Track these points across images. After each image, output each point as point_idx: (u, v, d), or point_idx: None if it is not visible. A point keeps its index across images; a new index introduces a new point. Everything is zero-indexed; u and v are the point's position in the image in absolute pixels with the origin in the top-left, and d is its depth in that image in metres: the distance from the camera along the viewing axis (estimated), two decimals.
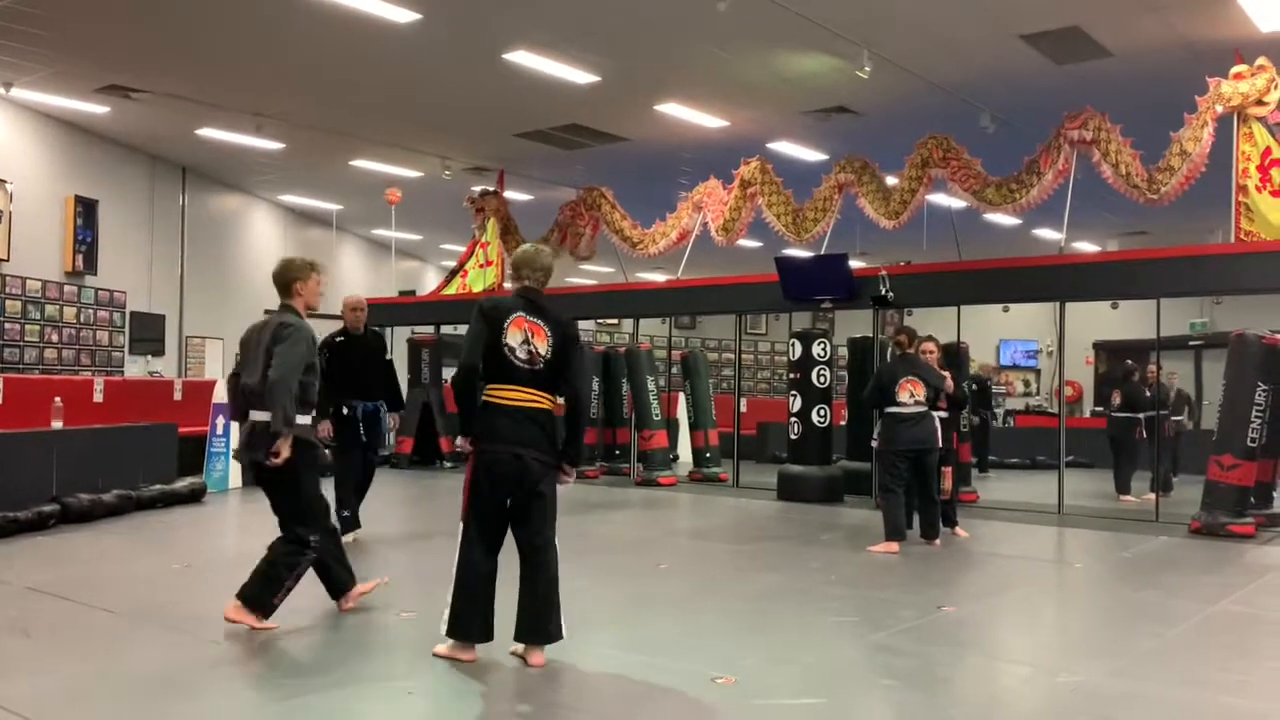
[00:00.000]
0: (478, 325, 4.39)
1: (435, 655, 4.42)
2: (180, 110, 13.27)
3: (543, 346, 4.41)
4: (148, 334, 16.06)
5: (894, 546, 7.59)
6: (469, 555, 4.37)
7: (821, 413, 11.04)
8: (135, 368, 15.67)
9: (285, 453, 4.73)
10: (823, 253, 11.78)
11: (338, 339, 7.55)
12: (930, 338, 8.33)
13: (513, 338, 4.36)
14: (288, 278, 5.04)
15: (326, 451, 6.60)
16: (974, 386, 14.75)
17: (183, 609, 5.38)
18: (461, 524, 4.41)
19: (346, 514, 7.37)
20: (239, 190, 18.34)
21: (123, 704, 3.94)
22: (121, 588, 6.05)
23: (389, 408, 7.85)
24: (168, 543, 7.92)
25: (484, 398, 4.40)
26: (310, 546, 4.94)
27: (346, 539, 7.05)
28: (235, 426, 7.58)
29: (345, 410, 7.40)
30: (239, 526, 9.06)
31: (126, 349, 15.69)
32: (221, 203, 18.01)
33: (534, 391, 4.40)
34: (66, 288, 14.70)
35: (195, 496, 9.85)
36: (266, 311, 5.26)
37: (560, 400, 4.53)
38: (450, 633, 4.35)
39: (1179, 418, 12.47)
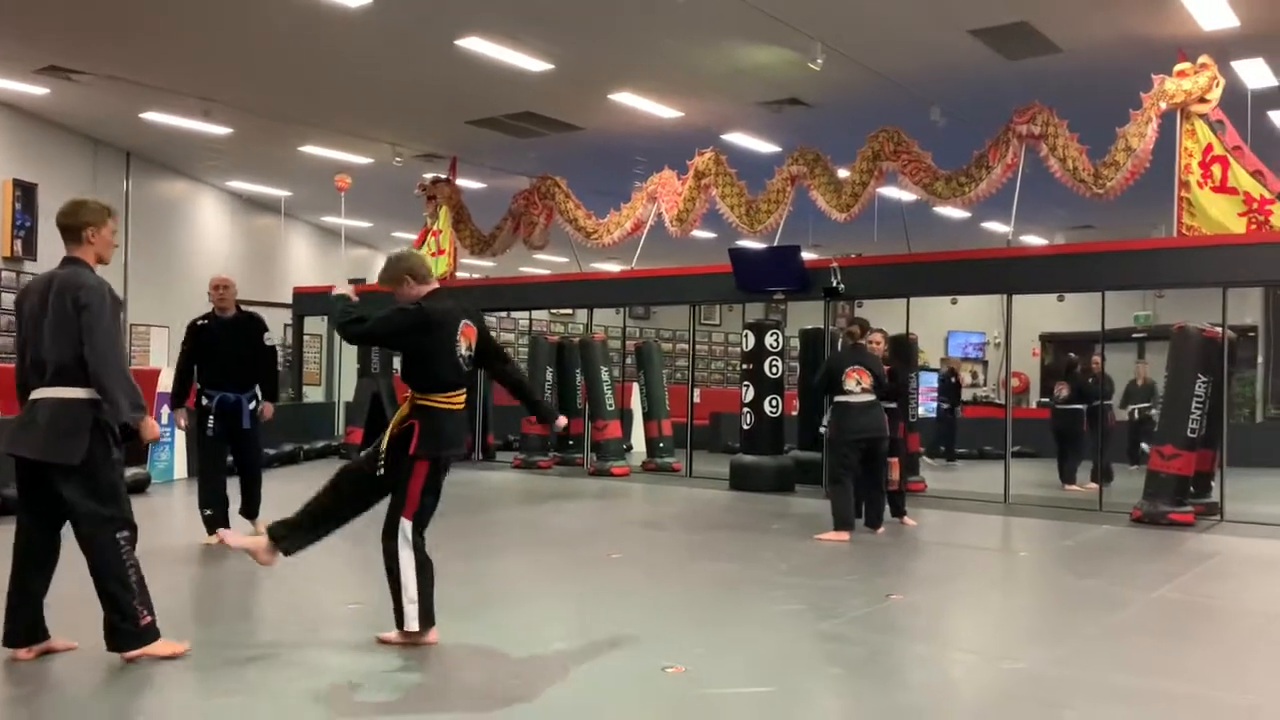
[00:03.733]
0: (431, 334, 4.46)
1: (385, 641, 4.47)
2: (124, 93, 12.98)
3: (472, 346, 4.65)
4: None
5: (844, 536, 7.67)
6: (423, 554, 4.48)
7: (774, 403, 11.11)
8: None
9: (154, 433, 4.21)
10: (775, 244, 11.84)
11: (200, 322, 7.08)
12: (880, 330, 8.43)
13: (462, 345, 4.56)
14: (79, 221, 4.21)
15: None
16: (953, 379, 15.04)
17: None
18: (411, 524, 4.46)
19: (209, 513, 7.03)
20: (185, 176, 18.00)
21: (68, 692, 3.86)
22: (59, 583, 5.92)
23: (264, 397, 7.21)
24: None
25: (437, 404, 4.48)
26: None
27: (211, 539, 6.89)
28: (180, 416, 7.33)
29: (204, 400, 6.98)
30: (186, 519, 8.90)
31: None
32: (167, 188, 17.66)
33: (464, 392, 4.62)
34: (5, 274, 14.34)
35: (139, 488, 9.67)
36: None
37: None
38: (424, 624, 4.45)
39: (1146, 404, 12.68)
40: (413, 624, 4.41)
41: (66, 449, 4.01)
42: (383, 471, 4.48)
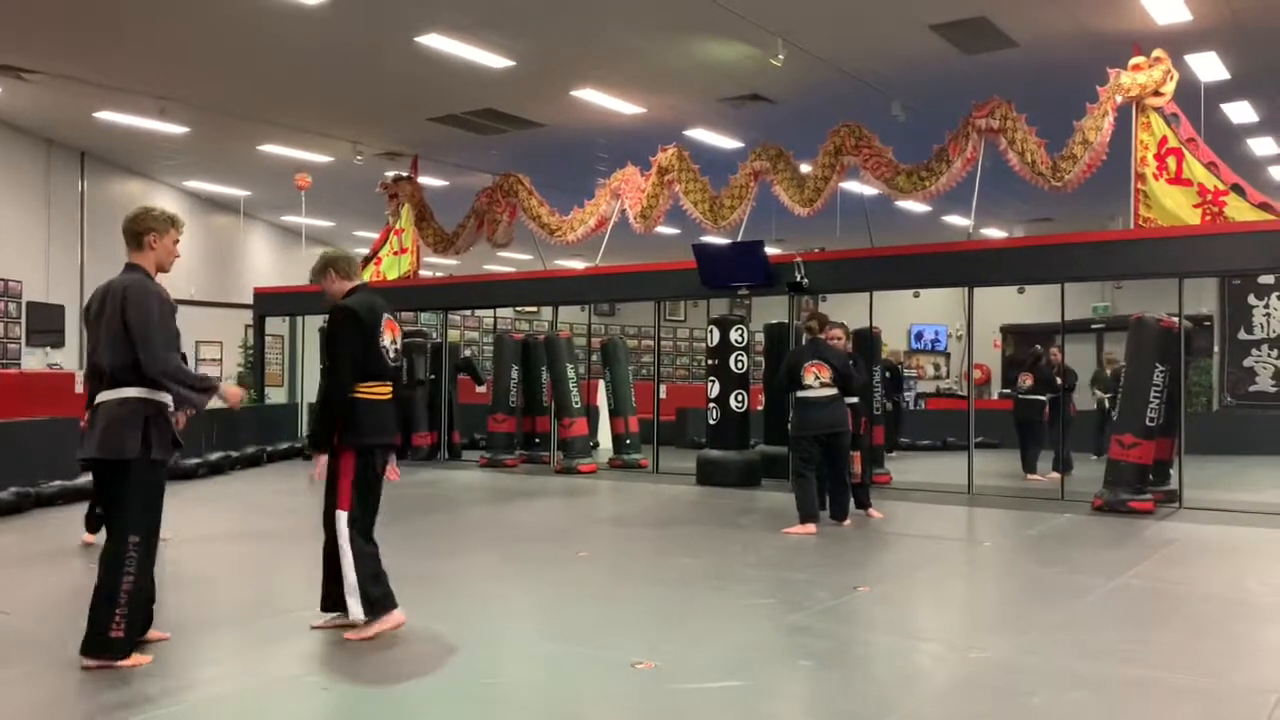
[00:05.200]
0: (358, 331, 4.59)
1: (353, 640, 4.49)
2: (77, 92, 12.76)
3: (396, 341, 4.79)
4: (46, 325, 15.45)
5: (810, 528, 7.70)
6: (365, 544, 4.55)
7: (739, 398, 11.14)
8: (34, 360, 15.08)
9: (236, 396, 4.52)
10: (739, 240, 11.87)
11: None
12: (840, 324, 8.46)
13: (385, 339, 4.67)
14: (143, 227, 4.30)
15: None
16: (887, 374, 15.06)
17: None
18: (347, 516, 4.52)
19: (100, 511, 6.86)
20: (141, 176, 17.74)
21: (32, 699, 3.79)
22: (16, 588, 5.82)
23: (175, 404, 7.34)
24: (69, 541, 7.63)
25: (359, 394, 4.57)
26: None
27: (91, 539, 6.94)
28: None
29: None
30: (175, 517, 8.77)
31: (23, 340, 15.09)
32: (123, 188, 17.39)
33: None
34: None
35: None
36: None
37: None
38: (370, 613, 4.52)
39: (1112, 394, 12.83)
40: (357, 614, 4.49)
41: (120, 444, 4.10)
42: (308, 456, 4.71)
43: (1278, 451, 14.31)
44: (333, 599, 4.62)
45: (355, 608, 4.49)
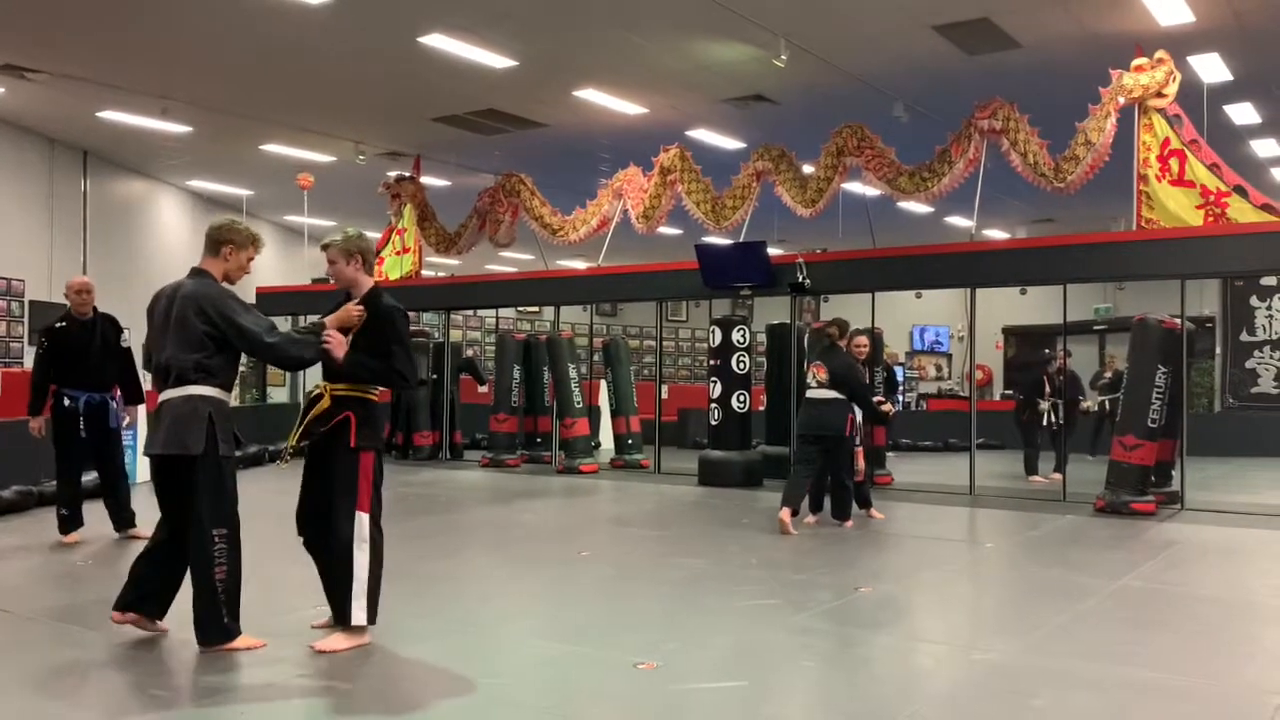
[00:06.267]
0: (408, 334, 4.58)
1: (325, 651, 4.34)
2: (80, 92, 12.78)
3: None
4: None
5: (784, 513, 7.72)
6: (382, 546, 4.46)
7: (741, 398, 11.14)
8: None
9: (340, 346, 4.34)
10: (741, 240, 11.87)
11: (58, 325, 7.13)
12: (864, 333, 8.51)
13: None
14: (223, 237, 4.45)
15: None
16: (884, 375, 15.05)
17: (86, 606, 5.19)
18: (369, 518, 4.41)
19: (65, 512, 7.05)
20: (144, 175, 17.75)
21: (9, 704, 3.80)
22: (17, 583, 5.83)
23: (126, 400, 7.26)
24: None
25: (374, 397, 4.53)
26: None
27: (68, 539, 7.00)
28: (142, 416, 7.29)
29: (66, 401, 6.99)
30: (145, 520, 8.78)
31: (26, 339, 15.10)
32: (126, 188, 17.41)
33: None
34: None
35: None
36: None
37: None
38: (372, 620, 4.42)
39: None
40: (360, 618, 4.36)
41: (185, 440, 4.21)
42: (286, 463, 4.61)
43: (1279, 453, 14.32)
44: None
45: (360, 613, 4.34)
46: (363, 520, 4.39)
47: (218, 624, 4.27)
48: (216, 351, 4.31)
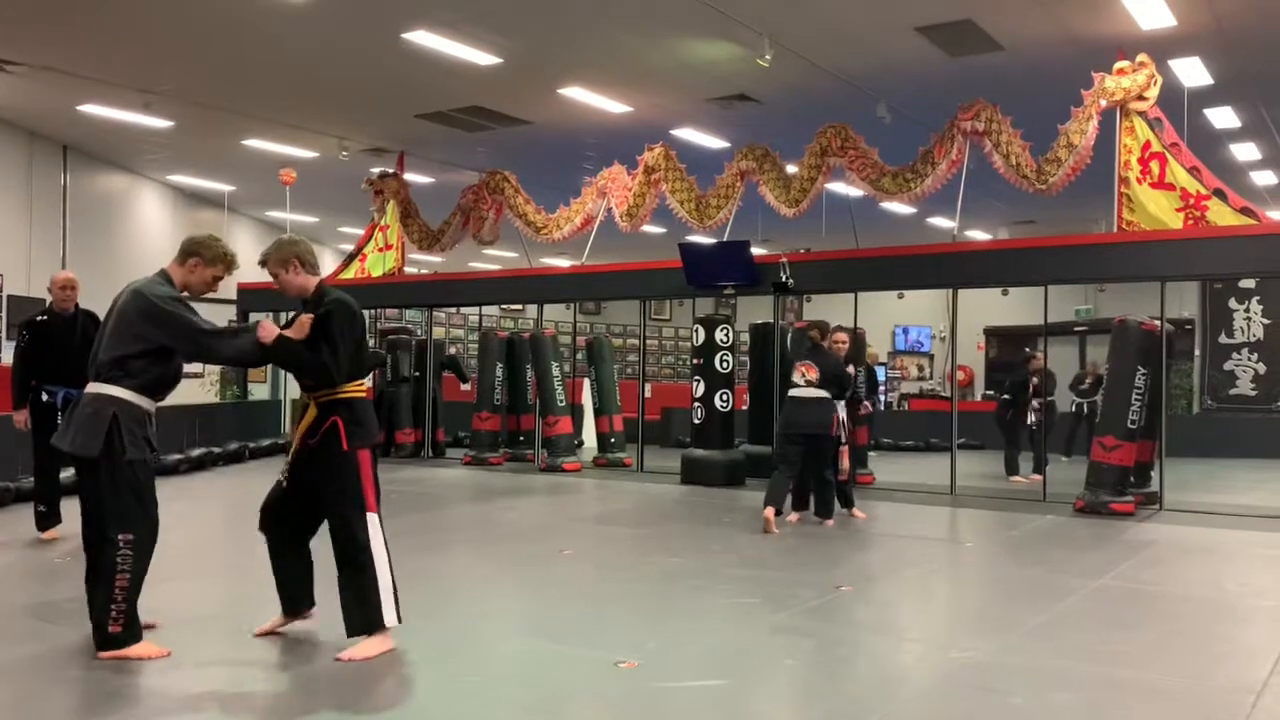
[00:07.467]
0: (357, 329, 4.47)
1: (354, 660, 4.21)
2: (60, 85, 12.65)
3: None
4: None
5: (767, 512, 7.74)
6: (385, 544, 4.39)
7: (724, 397, 11.16)
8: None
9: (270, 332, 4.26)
10: (725, 239, 11.88)
11: (39, 319, 7.14)
12: (841, 329, 8.53)
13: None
14: (194, 248, 4.41)
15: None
16: (864, 374, 15.10)
17: (61, 603, 5.16)
18: (377, 517, 4.37)
19: (43, 508, 7.04)
20: (125, 169, 17.61)
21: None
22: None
23: None
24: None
25: (354, 395, 4.44)
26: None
27: (46, 535, 6.99)
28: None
29: (45, 396, 7.01)
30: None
31: (4, 334, 14.97)
32: (106, 182, 17.27)
33: None
34: None
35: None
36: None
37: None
38: (399, 619, 4.34)
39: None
40: (392, 619, 4.28)
41: (83, 442, 4.12)
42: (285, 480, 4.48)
43: (1257, 454, 14.45)
44: (300, 602, 4.56)
45: (391, 613, 4.26)
46: (374, 521, 4.33)
47: (105, 632, 4.12)
48: (143, 352, 4.20)
